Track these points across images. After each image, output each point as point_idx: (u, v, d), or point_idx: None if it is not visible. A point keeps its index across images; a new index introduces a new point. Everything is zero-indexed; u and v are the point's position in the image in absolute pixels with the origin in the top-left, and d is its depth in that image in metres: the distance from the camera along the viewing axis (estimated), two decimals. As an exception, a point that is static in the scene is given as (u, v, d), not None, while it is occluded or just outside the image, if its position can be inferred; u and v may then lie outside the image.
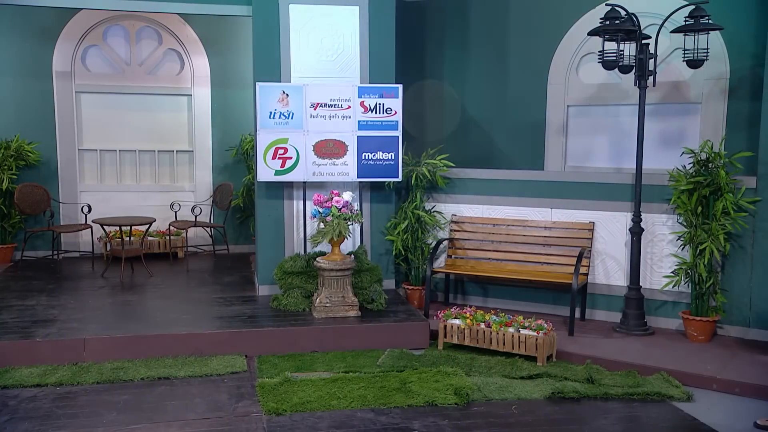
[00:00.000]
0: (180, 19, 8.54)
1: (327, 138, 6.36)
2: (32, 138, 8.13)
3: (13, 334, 5.23)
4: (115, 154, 8.74)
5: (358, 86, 6.38)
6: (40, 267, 7.85)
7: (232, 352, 5.36)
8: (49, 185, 8.23)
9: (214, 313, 5.99)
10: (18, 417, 4.16)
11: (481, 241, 6.66)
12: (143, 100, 8.72)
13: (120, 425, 4.07)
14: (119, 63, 8.62)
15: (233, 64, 8.80)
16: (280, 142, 6.33)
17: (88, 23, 8.35)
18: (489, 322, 5.39)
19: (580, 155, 7.44)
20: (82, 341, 5.16)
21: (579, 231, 6.23)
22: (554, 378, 4.82)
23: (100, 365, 5.03)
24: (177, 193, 8.80)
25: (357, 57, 6.58)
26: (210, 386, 4.73)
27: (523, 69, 7.60)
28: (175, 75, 8.78)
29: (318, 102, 6.31)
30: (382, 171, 6.49)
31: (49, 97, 8.28)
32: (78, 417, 4.18)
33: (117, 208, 8.45)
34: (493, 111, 7.91)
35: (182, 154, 8.97)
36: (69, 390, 4.62)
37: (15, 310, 5.89)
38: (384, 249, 6.87)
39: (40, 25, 8.18)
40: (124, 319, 5.85)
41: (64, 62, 8.31)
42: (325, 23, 6.49)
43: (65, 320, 5.66)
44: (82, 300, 6.36)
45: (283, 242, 6.64)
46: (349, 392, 4.56)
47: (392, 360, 5.26)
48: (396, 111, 6.42)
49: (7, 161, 7.84)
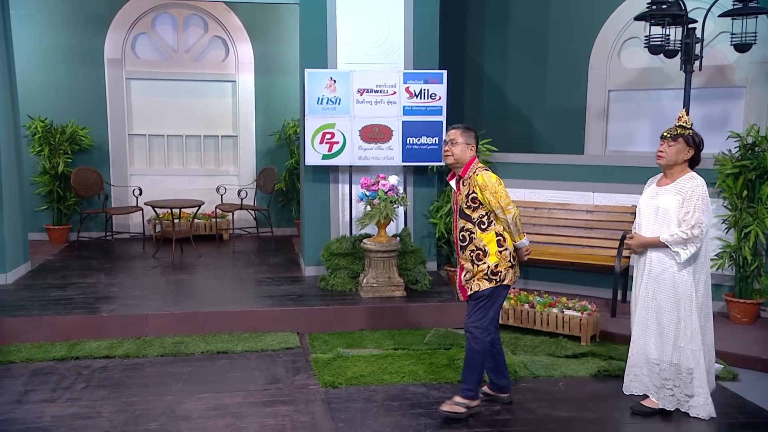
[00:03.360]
0: (225, 7, 8.74)
1: (373, 123, 6.52)
2: (85, 123, 8.44)
3: (80, 309, 5.52)
4: (163, 139, 9.03)
5: (404, 72, 6.51)
6: (95, 247, 8.19)
7: (284, 329, 5.58)
8: (101, 169, 8.54)
9: (265, 292, 6.22)
10: (93, 385, 4.44)
11: (523, 224, 6.75)
12: (189, 87, 8.97)
13: (188, 394, 4.32)
14: (167, 50, 8.87)
15: (276, 51, 8.99)
16: (327, 127, 6.51)
17: (138, 11, 8.61)
18: (533, 302, 5.53)
19: (620, 140, 7.50)
20: (144, 317, 5.43)
21: (621, 214, 6.31)
22: (599, 357, 4.95)
23: (161, 339, 5.30)
24: (222, 177, 9.07)
25: (402, 43, 6.71)
26: (266, 360, 4.96)
27: (563, 54, 7.66)
28: (220, 62, 9.01)
29: (364, 88, 6.47)
30: (427, 155, 6.63)
31: (101, 84, 8.57)
32: (148, 386, 4.44)
33: (164, 191, 8.74)
34: (533, 96, 7.99)
35: (227, 139, 9.22)
36: (135, 362, 4.89)
37: (78, 287, 6.20)
38: (426, 232, 7.03)
39: (93, 13, 8.45)
40: (179, 296, 6.12)
41: (114, 50, 8.58)
42: (370, 10, 6.63)
43: (126, 297, 5.95)
44: (138, 278, 6.66)
45: (329, 224, 6.84)
46: (400, 368, 4.75)
47: (438, 338, 5.43)
48: (440, 96, 6.55)
49: (63, 146, 8.16)
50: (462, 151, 3.94)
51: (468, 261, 3.95)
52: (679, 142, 3.91)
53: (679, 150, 3.92)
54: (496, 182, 3.85)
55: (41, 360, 4.85)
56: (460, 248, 3.99)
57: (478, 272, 3.90)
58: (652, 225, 3.97)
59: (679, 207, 3.86)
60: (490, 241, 3.89)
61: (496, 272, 3.88)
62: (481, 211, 3.89)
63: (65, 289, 6.12)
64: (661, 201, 3.94)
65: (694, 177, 3.91)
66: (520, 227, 3.92)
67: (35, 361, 4.83)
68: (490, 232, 3.90)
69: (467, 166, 3.95)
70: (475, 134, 4.06)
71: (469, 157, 3.96)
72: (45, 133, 8.09)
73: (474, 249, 3.91)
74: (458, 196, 3.99)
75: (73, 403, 4.16)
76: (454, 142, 3.96)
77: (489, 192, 3.82)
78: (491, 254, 3.88)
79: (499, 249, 3.89)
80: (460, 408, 3.96)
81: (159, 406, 4.12)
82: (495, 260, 3.88)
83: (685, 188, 3.87)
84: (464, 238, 3.94)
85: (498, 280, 3.89)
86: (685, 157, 3.93)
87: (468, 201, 3.90)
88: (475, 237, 3.90)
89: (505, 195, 3.85)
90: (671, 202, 3.89)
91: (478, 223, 3.90)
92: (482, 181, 3.83)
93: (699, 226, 3.78)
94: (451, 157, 3.96)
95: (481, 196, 3.85)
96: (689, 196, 3.84)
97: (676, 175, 3.95)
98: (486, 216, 3.89)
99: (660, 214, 3.93)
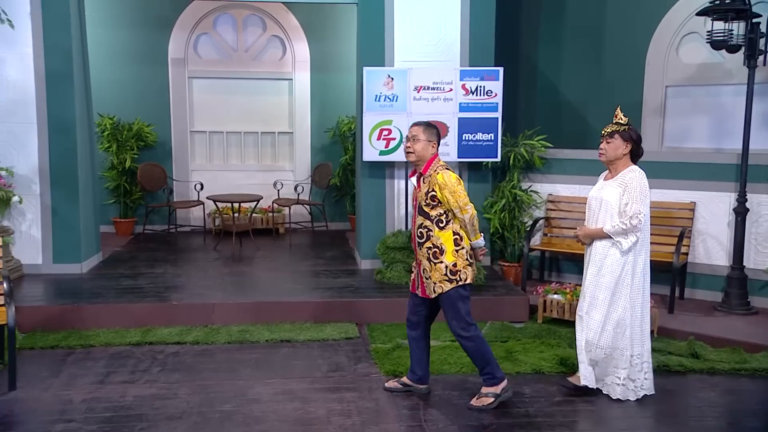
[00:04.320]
0: (284, 7, 8.98)
1: (429, 119, 6.62)
2: (150, 120, 8.80)
3: (151, 298, 5.82)
4: (223, 136, 9.34)
5: (460, 69, 6.61)
6: (159, 239, 8.54)
7: (343, 319, 5.75)
8: (164, 164, 8.90)
9: (323, 284, 6.42)
10: (168, 369, 4.70)
11: (578, 220, 6.76)
12: (248, 85, 9.25)
13: (257, 379, 4.53)
14: (227, 49, 9.17)
15: (332, 49, 9.19)
16: (384, 123, 6.66)
17: (200, 12, 8.92)
18: (590, 297, 5.56)
19: (677, 136, 7.42)
20: (211, 306, 5.69)
21: (679, 211, 6.28)
22: (658, 352, 4.96)
23: (228, 328, 5.54)
24: (278, 173, 9.32)
25: (458, 40, 6.81)
26: (328, 349, 5.15)
27: (619, 50, 7.62)
28: (277, 60, 9.26)
29: (421, 85, 6.59)
30: (482, 151, 6.72)
31: (165, 83, 8.92)
32: (218, 371, 4.68)
33: (223, 186, 9.03)
34: (587, 92, 7.97)
35: (283, 135, 9.47)
36: (205, 348, 5.14)
37: (148, 277, 6.52)
38: (480, 227, 7.09)
39: (158, 15, 8.81)
40: (242, 287, 6.37)
41: (178, 49, 8.92)
42: (427, 8, 6.74)
43: (192, 287, 6.23)
44: (202, 270, 6.94)
45: (384, 219, 7.00)
46: (458, 359, 4.87)
47: (495, 331, 5.53)
48: (496, 93, 6.62)
49: (129, 142, 8.54)
50: (423, 148, 3.99)
51: (425, 258, 4.01)
52: (615, 138, 4.12)
53: (617, 146, 4.12)
54: (455, 182, 3.92)
55: (118, 344, 5.14)
56: (418, 245, 4.04)
57: (435, 272, 3.97)
58: (598, 217, 4.18)
59: (619, 199, 4.06)
60: (447, 239, 3.95)
61: (455, 272, 3.95)
62: (439, 209, 3.95)
63: (136, 279, 6.44)
64: (605, 194, 4.15)
65: (633, 170, 4.12)
66: (477, 227, 4.01)
67: (113, 345, 5.13)
68: (448, 231, 3.96)
69: (428, 163, 4.00)
70: (437, 132, 4.09)
71: (430, 155, 4.01)
72: (113, 130, 8.48)
73: (431, 246, 3.97)
74: (418, 193, 4.04)
75: (151, 384, 4.42)
76: (416, 138, 4.00)
77: (448, 191, 3.88)
78: (448, 252, 3.94)
79: (456, 248, 3.95)
80: (489, 399, 4.08)
81: (231, 390, 4.35)
82: (452, 259, 3.94)
83: (625, 181, 4.09)
84: (422, 234, 4.01)
85: (458, 280, 3.96)
86: (624, 152, 4.14)
87: (427, 199, 3.96)
88: (433, 235, 3.96)
89: (464, 195, 3.93)
90: (613, 194, 4.10)
91: (437, 221, 3.96)
92: (442, 180, 3.89)
93: (637, 216, 3.98)
94: (413, 154, 4.00)
95: (440, 195, 3.91)
96: (628, 188, 4.04)
97: (619, 169, 4.16)
98: (444, 214, 3.95)
99: (604, 206, 4.14)
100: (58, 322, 5.42)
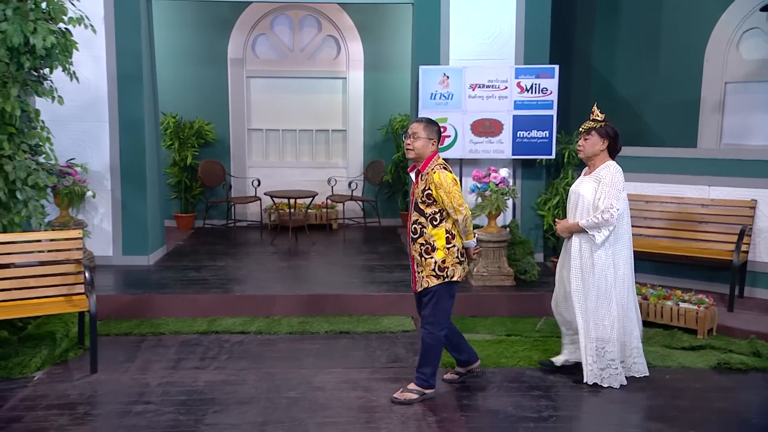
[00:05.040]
0: (339, 8, 9.17)
1: (484, 117, 6.73)
2: (209, 119, 9.12)
3: (216, 289, 6.08)
4: (278, 134, 9.60)
5: (516, 67, 6.67)
6: (218, 234, 8.85)
7: (399, 312, 5.89)
8: (223, 161, 9.20)
9: (378, 279, 6.57)
10: (234, 356, 4.92)
11: (633, 218, 6.74)
12: (303, 84, 9.48)
13: (320, 368, 4.71)
14: (283, 49, 9.42)
15: (385, 49, 9.34)
16: (439, 121, 6.72)
17: (258, 14, 9.19)
18: (646, 295, 5.57)
19: (736, 133, 7.31)
20: (273, 297, 5.90)
21: (739, 209, 6.20)
22: (718, 350, 4.95)
23: (288, 319, 5.75)
24: (331, 170, 9.53)
25: (513, 39, 6.86)
26: (386, 341, 5.29)
27: (676, 46, 7.53)
28: (332, 59, 9.46)
29: (476, 83, 6.68)
30: (536, 148, 6.76)
31: (224, 82, 9.22)
32: (282, 359, 4.88)
33: (279, 182, 9.29)
34: (643, 89, 7.90)
35: (336, 133, 9.67)
36: (267, 338, 5.35)
37: (211, 270, 6.79)
38: (534, 224, 7.16)
39: (218, 17, 9.11)
40: (300, 280, 6.57)
41: (237, 50, 9.21)
42: (483, 7, 6.82)
43: (253, 279, 6.47)
44: (260, 263, 7.18)
45: (438, 215, 7.10)
46: (515, 353, 4.95)
47: (549, 327, 5.58)
48: (551, 91, 6.66)
49: (190, 140, 8.87)
50: (423, 145, 4.02)
51: (417, 254, 4.07)
52: (592, 135, 4.25)
53: (595, 142, 4.24)
54: (451, 182, 3.94)
55: (187, 333, 5.40)
56: (411, 240, 4.11)
57: (425, 267, 4.02)
58: (577, 211, 4.30)
59: (594, 193, 4.19)
60: (440, 237, 3.99)
61: (443, 268, 3.99)
62: (434, 207, 3.99)
63: (200, 271, 6.72)
64: (582, 189, 4.28)
65: (608, 165, 4.22)
66: (470, 228, 4.03)
67: (182, 333, 5.39)
68: (441, 228, 4.00)
69: (427, 161, 4.04)
70: (438, 129, 4.12)
71: (430, 152, 4.04)
72: (175, 128, 8.82)
73: (423, 243, 4.02)
74: (415, 189, 4.09)
75: (220, 371, 4.64)
76: (416, 136, 4.02)
77: (443, 191, 3.91)
78: (439, 249, 3.98)
79: (447, 245, 3.99)
80: (413, 394, 4.15)
81: (295, 377, 4.53)
82: (442, 255, 3.98)
83: (600, 176, 4.20)
84: (416, 230, 4.07)
85: (445, 277, 3.99)
86: (601, 148, 4.25)
87: (423, 196, 4.00)
88: (426, 231, 4.01)
89: (459, 195, 3.95)
90: (588, 189, 4.23)
91: (431, 219, 4.00)
92: (438, 180, 3.92)
93: (609, 210, 4.09)
94: (413, 151, 4.03)
95: (435, 194, 3.94)
96: (602, 183, 4.17)
97: (596, 165, 4.28)
98: (439, 213, 3.99)
99: (581, 200, 4.27)
100: (129, 310, 5.72)
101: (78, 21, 4.75)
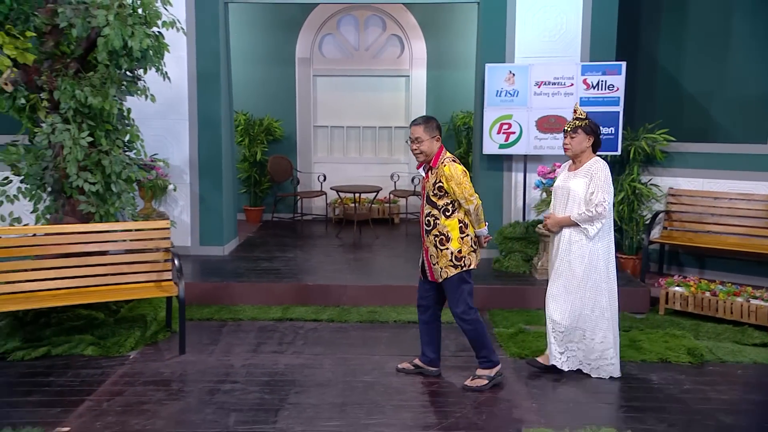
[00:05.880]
0: (403, 7, 9.37)
1: (549, 114, 6.80)
2: (278, 116, 9.47)
3: (288, 279, 6.37)
4: (343, 130, 9.88)
5: (582, 64, 6.72)
6: (285, 226, 9.19)
7: (464, 305, 6.05)
8: (290, 157, 9.53)
9: (443, 272, 6.74)
10: (310, 342, 5.19)
11: (700, 214, 6.74)
12: (367, 82, 9.73)
13: (391, 355, 4.92)
14: (349, 48, 9.68)
15: (447, 47, 9.48)
16: (504, 118, 6.88)
17: (326, 14, 9.47)
18: (715, 291, 5.57)
19: (810, 129, 7.15)
20: (343, 287, 6.15)
21: (812, 206, 6.11)
22: (776, 345, 4.94)
23: (358, 308, 5.99)
24: (393, 165, 9.74)
25: (579, 36, 6.91)
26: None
27: (746, 42, 7.41)
28: (395, 58, 9.67)
29: (542, 80, 6.76)
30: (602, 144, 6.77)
31: (292, 81, 9.56)
32: (354, 346, 5.12)
33: (343, 178, 9.57)
34: (711, 85, 7.79)
35: (399, 129, 9.88)
36: (339, 326, 5.60)
37: (282, 260, 7.10)
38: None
39: (287, 18, 9.44)
40: (367, 271, 6.81)
41: (304, 49, 9.52)
42: (548, 5, 6.89)
43: (323, 270, 6.75)
44: (328, 254, 7.46)
45: (501, 210, 7.22)
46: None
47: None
48: (618, 87, 6.68)
49: (260, 136, 9.23)
50: (429, 146, 4.17)
51: (432, 245, 4.22)
52: (578, 133, 4.38)
53: (581, 140, 4.38)
54: (461, 174, 4.09)
55: (263, 319, 5.70)
56: (425, 232, 4.26)
57: (442, 258, 4.18)
58: (566, 206, 4.40)
59: (586, 188, 4.30)
60: (453, 227, 4.16)
61: (460, 258, 4.16)
62: (446, 199, 4.15)
63: (272, 261, 7.04)
64: (572, 184, 4.38)
65: (597, 161, 4.37)
66: (481, 217, 4.19)
67: (259, 319, 5.70)
68: (454, 219, 4.16)
69: (437, 156, 4.19)
70: (437, 123, 4.25)
71: (437, 148, 4.20)
72: (246, 125, 9.20)
73: (437, 234, 4.18)
74: (426, 183, 4.24)
75: (298, 355, 4.91)
76: (419, 140, 4.17)
77: (454, 183, 4.07)
78: (453, 239, 4.15)
79: (461, 235, 4.16)
80: (483, 380, 4.31)
81: (369, 363, 4.76)
82: (457, 245, 4.15)
83: (591, 171, 4.32)
84: (429, 222, 4.22)
85: (462, 266, 4.17)
86: (587, 145, 4.40)
87: (435, 189, 4.16)
88: (439, 223, 4.17)
89: (469, 186, 4.11)
90: (580, 184, 4.35)
91: (443, 210, 4.16)
92: (449, 172, 4.08)
93: (602, 204, 4.22)
94: (422, 154, 4.19)
95: (446, 186, 4.10)
96: (594, 178, 4.28)
97: (583, 161, 4.41)
98: (451, 204, 4.15)
99: (572, 195, 4.37)
100: (209, 297, 6.07)
101: (170, 24, 5.08)
